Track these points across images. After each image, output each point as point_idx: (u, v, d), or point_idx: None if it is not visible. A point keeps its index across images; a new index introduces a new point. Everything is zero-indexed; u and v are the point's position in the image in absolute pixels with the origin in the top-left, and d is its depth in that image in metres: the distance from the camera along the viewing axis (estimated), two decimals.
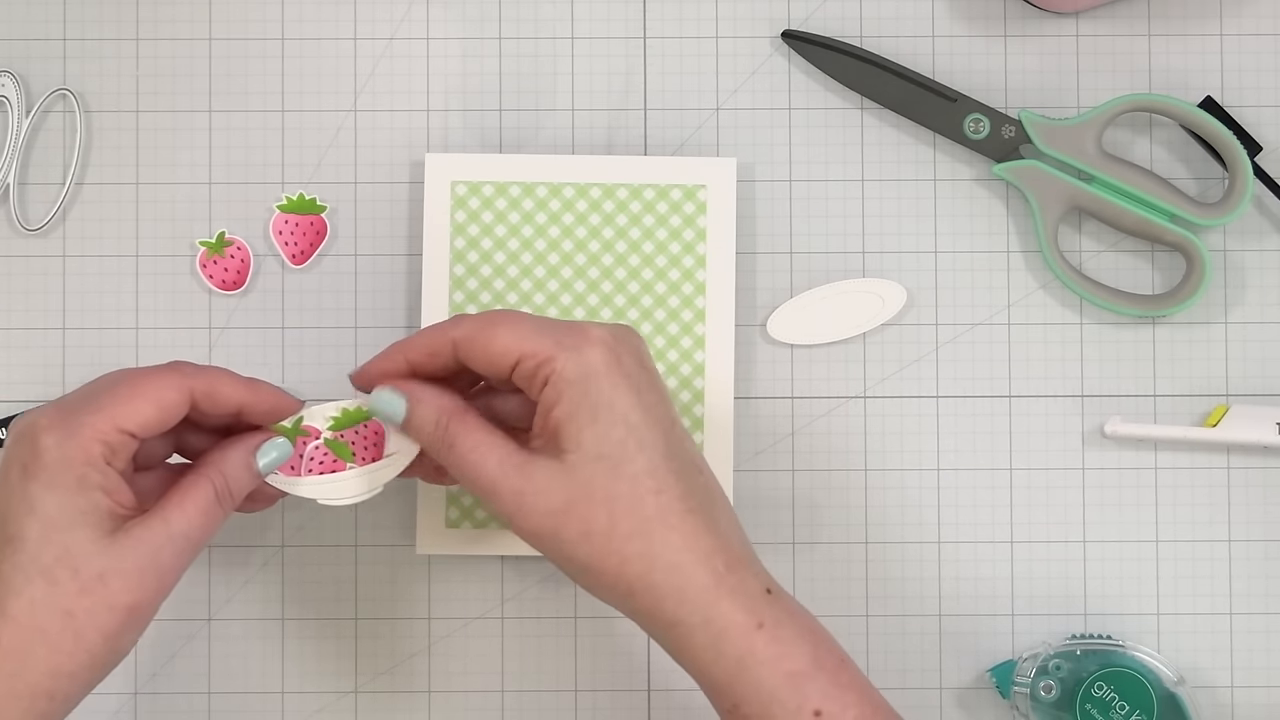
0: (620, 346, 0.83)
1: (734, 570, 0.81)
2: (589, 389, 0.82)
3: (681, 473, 0.82)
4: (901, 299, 0.97)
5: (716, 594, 0.81)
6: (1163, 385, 0.97)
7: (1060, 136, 0.96)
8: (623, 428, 0.81)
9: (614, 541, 0.81)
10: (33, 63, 0.98)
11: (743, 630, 0.81)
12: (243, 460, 0.85)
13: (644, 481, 0.81)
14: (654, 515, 0.81)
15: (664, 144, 0.98)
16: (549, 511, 0.82)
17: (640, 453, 0.81)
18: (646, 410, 0.82)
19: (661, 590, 0.81)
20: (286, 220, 0.97)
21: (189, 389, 0.84)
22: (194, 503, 0.83)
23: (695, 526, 0.81)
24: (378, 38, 0.98)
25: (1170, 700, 0.93)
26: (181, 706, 0.97)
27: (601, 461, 0.81)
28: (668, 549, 0.81)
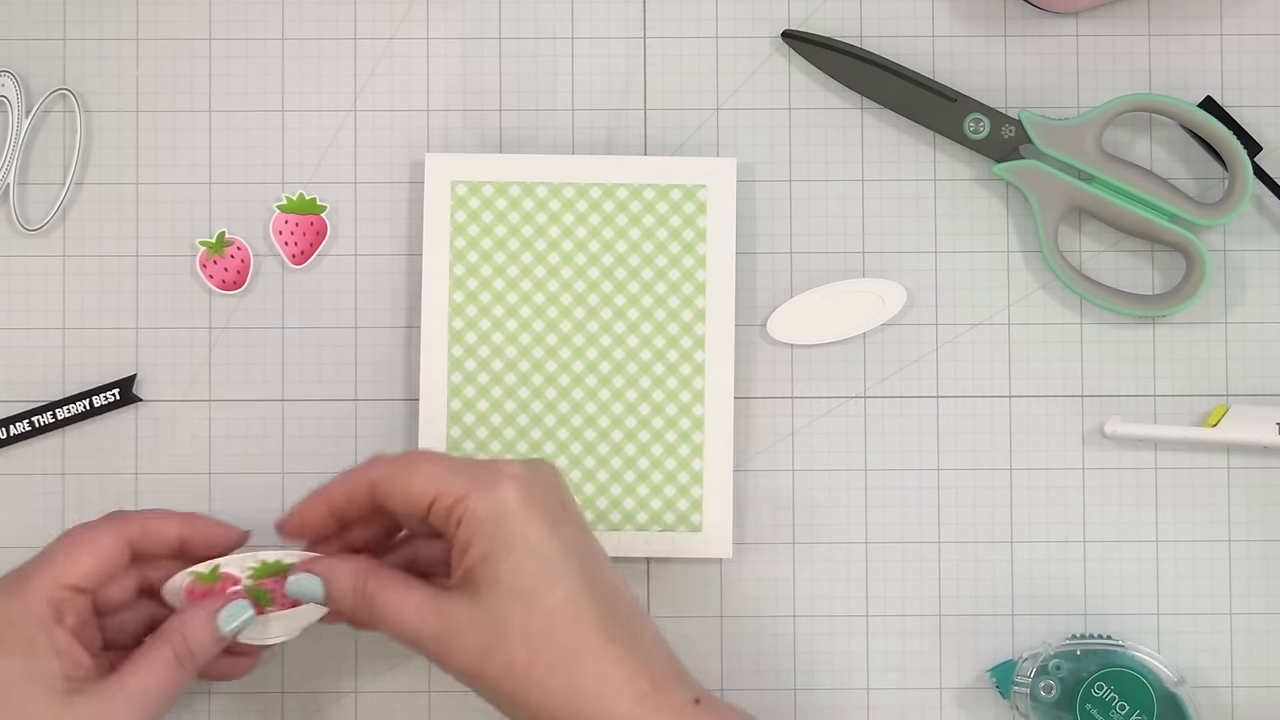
0: (534, 481, 0.84)
1: (659, 688, 0.82)
2: (502, 525, 0.83)
3: (600, 599, 0.83)
4: (901, 299, 0.97)
5: (641, 712, 0.82)
6: (1163, 385, 0.97)
7: (1060, 136, 0.96)
8: (536, 561, 0.82)
9: (535, 674, 0.82)
10: (33, 63, 0.98)
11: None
12: (206, 623, 0.86)
13: (561, 612, 0.82)
14: (574, 646, 0.82)
15: (664, 144, 0.98)
16: (470, 650, 0.83)
17: (556, 585, 0.82)
18: (561, 541, 0.83)
19: (588, 717, 0.82)
20: (286, 220, 0.97)
21: (123, 533, 0.86)
22: (151, 665, 0.84)
23: (617, 652, 0.82)
24: (378, 38, 0.98)
25: (1170, 700, 0.93)
26: (182, 706, 0.96)
27: (518, 597, 0.82)
28: (589, 677, 0.82)
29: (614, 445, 0.96)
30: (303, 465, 0.97)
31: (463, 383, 0.96)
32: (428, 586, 0.85)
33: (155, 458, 0.97)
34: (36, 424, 0.96)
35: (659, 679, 0.83)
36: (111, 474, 0.97)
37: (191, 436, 0.97)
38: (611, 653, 0.82)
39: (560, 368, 0.96)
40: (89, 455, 0.97)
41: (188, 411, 0.97)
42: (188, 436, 0.97)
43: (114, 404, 0.96)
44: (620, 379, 0.96)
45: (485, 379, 0.96)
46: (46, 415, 0.96)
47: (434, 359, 0.96)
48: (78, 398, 0.96)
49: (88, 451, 0.97)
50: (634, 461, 0.96)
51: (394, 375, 0.97)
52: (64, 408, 0.96)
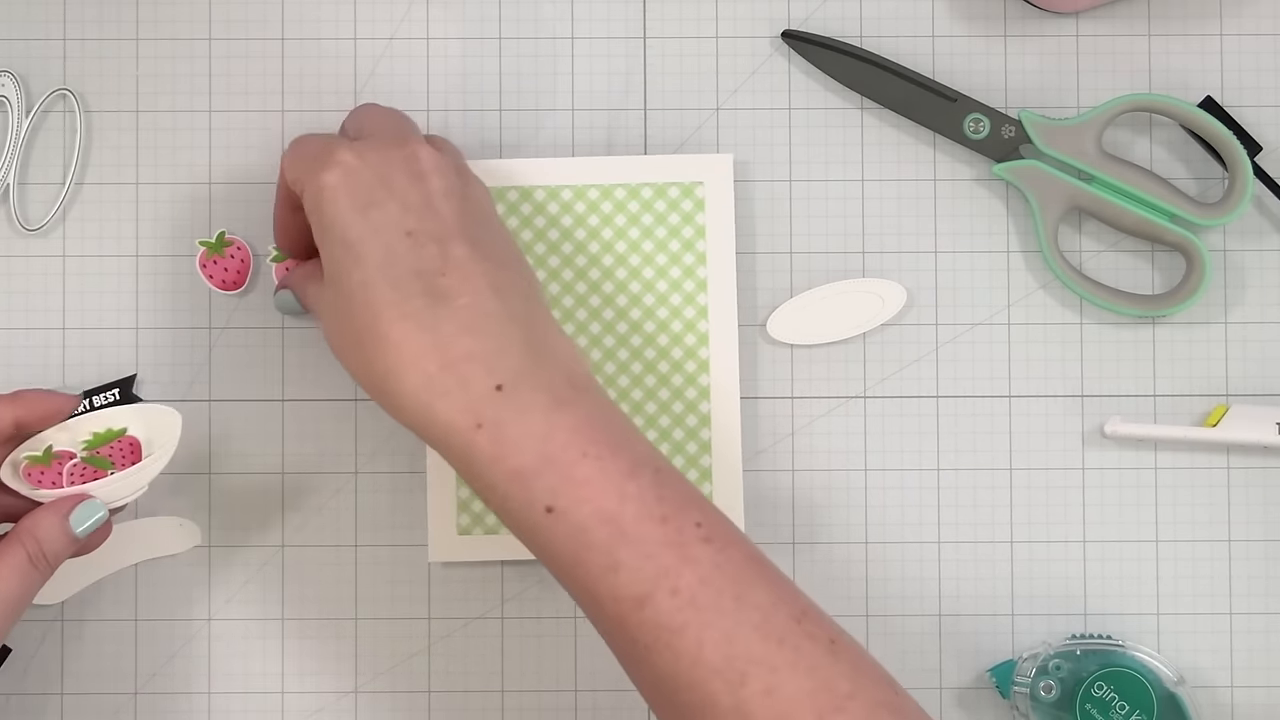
0: (360, 162, 0.85)
1: (452, 369, 0.81)
2: (321, 211, 0.84)
3: (398, 281, 0.82)
4: (901, 299, 0.97)
5: (428, 396, 0.81)
6: (1163, 385, 0.97)
7: (1060, 136, 0.96)
8: (340, 245, 0.83)
9: (345, 356, 0.84)
10: (33, 63, 0.98)
11: (460, 431, 0.80)
12: (56, 523, 0.85)
13: (357, 295, 0.82)
14: (365, 326, 0.82)
15: (664, 144, 0.98)
16: (329, 333, 0.85)
17: (356, 267, 0.83)
18: (368, 223, 0.83)
19: (385, 397, 0.82)
20: (287, 267, 0.96)
21: None
22: (8, 566, 0.84)
23: (405, 331, 0.81)
24: (378, 38, 0.98)
25: (1170, 700, 0.93)
26: (181, 706, 0.96)
27: (331, 283, 0.84)
28: (381, 355, 0.81)
29: None
30: (303, 465, 0.97)
31: None
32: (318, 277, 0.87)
33: None
34: None
35: (454, 361, 0.81)
36: None
37: (191, 436, 0.97)
38: (399, 333, 0.81)
39: None
40: None
41: (188, 411, 0.97)
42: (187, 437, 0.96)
43: (114, 404, 0.96)
44: (625, 379, 0.96)
45: None
46: None
47: None
48: None
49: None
50: None
51: None
52: None
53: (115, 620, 0.96)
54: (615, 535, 0.79)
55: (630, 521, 0.79)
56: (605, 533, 0.79)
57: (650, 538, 0.79)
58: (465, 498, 0.95)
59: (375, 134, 0.87)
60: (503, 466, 0.80)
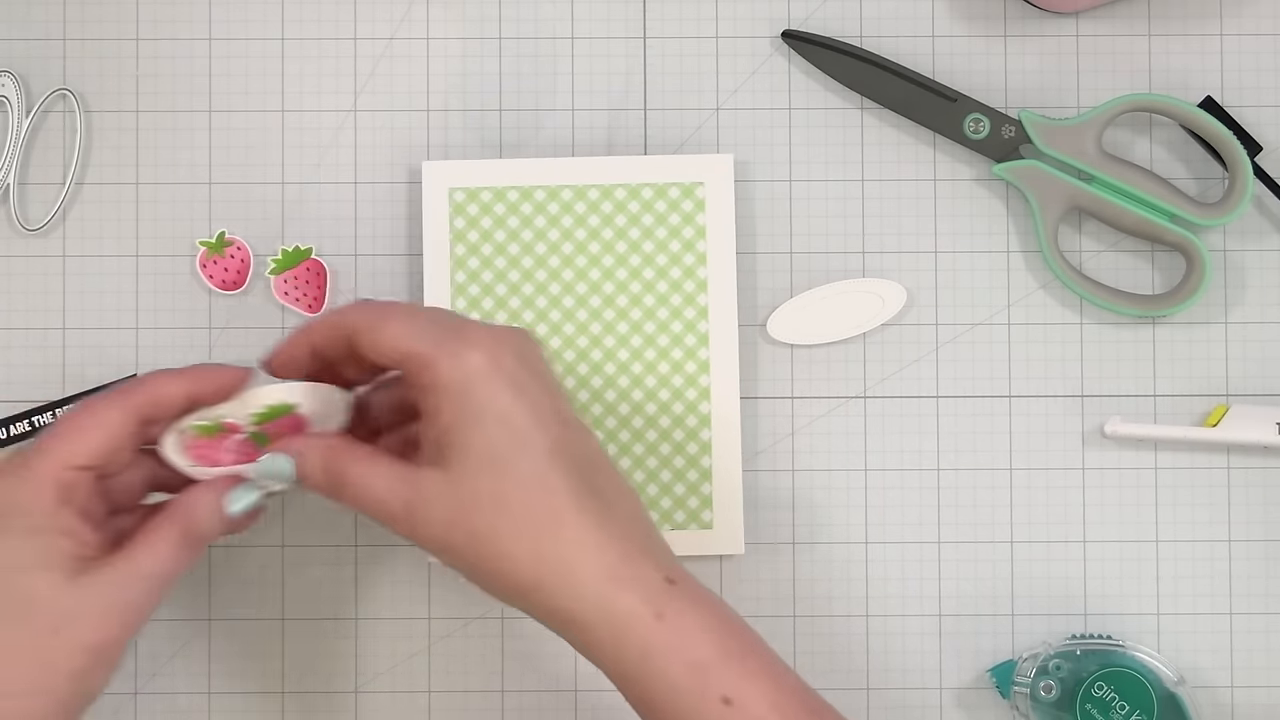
0: (501, 348, 0.82)
1: (630, 562, 0.81)
2: (469, 393, 0.81)
3: (570, 470, 0.81)
4: (901, 299, 0.97)
5: (612, 588, 0.80)
6: (1163, 385, 0.97)
7: (1060, 136, 0.96)
8: (504, 429, 0.81)
9: (502, 543, 0.80)
10: (33, 63, 0.98)
11: (641, 622, 0.80)
12: (212, 503, 0.84)
13: (529, 480, 0.81)
14: (540, 514, 0.80)
15: (664, 144, 0.98)
16: (440, 521, 0.81)
17: (524, 452, 0.81)
18: (530, 408, 0.81)
19: (553, 588, 0.80)
20: (285, 279, 0.96)
21: (131, 406, 0.84)
22: (158, 543, 0.83)
23: (585, 522, 0.80)
24: (378, 38, 0.98)
25: (1170, 700, 0.93)
26: (181, 706, 0.96)
27: (486, 466, 0.81)
28: (556, 547, 0.80)
29: (622, 446, 0.96)
30: None
31: None
32: (397, 460, 0.83)
33: None
34: (36, 424, 0.96)
35: (631, 554, 0.81)
36: None
37: None
38: (581, 523, 0.80)
39: (564, 371, 0.96)
40: None
41: None
42: None
43: None
44: (625, 379, 0.96)
45: None
46: (46, 415, 0.96)
47: None
48: (78, 398, 0.96)
49: None
50: (642, 461, 0.96)
51: None
52: (64, 408, 0.96)
53: None
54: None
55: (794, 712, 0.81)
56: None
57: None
58: None
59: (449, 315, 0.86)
60: (681, 658, 0.80)
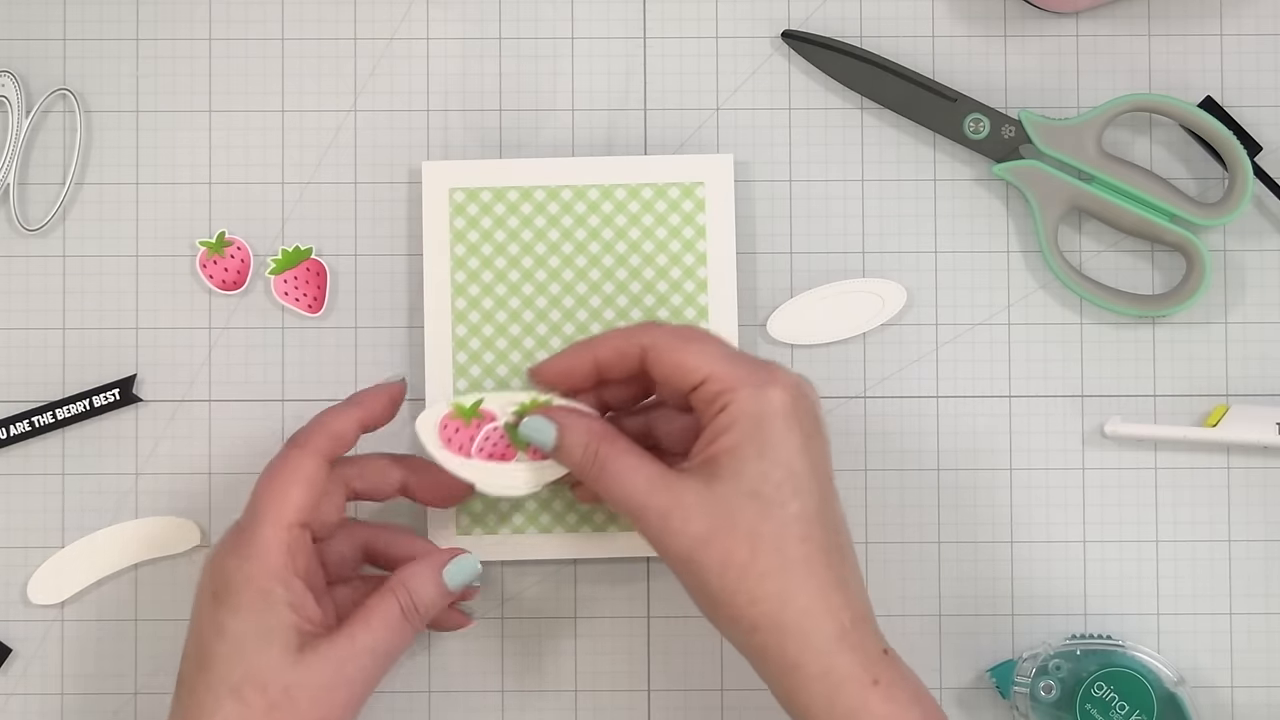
0: (799, 394, 0.85)
1: (858, 627, 0.83)
2: (763, 426, 0.83)
3: (827, 526, 0.84)
4: (901, 299, 0.97)
5: (840, 646, 0.82)
6: (1163, 385, 0.97)
7: (1060, 136, 0.96)
8: (784, 471, 0.83)
9: (750, 578, 0.82)
10: (33, 63, 0.98)
11: (859, 685, 0.82)
12: (430, 577, 0.87)
13: (793, 526, 0.83)
14: (796, 560, 0.82)
15: (664, 144, 0.98)
16: (692, 535, 0.83)
17: (795, 498, 0.83)
18: (810, 459, 0.84)
19: (788, 633, 0.82)
20: (285, 279, 0.96)
21: (317, 450, 0.86)
22: (380, 618, 0.85)
23: (831, 579, 0.83)
24: (378, 38, 0.98)
25: (1170, 700, 0.93)
26: None
27: (754, 498, 0.83)
28: (803, 594, 0.82)
29: None
30: None
31: (468, 389, 0.95)
32: (660, 463, 0.85)
33: (155, 458, 0.97)
34: (36, 424, 0.96)
35: (860, 619, 0.83)
36: (111, 474, 0.97)
37: (191, 436, 0.97)
38: (828, 579, 0.83)
39: None
40: (89, 455, 0.97)
41: (188, 411, 0.97)
42: (187, 436, 0.97)
43: (114, 404, 0.96)
44: None
45: (491, 385, 0.95)
46: (46, 415, 0.96)
47: (438, 366, 0.95)
48: (78, 398, 0.96)
49: (88, 451, 0.97)
50: None
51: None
52: (64, 408, 0.96)
53: (115, 620, 0.96)
54: None
55: None
56: None
57: None
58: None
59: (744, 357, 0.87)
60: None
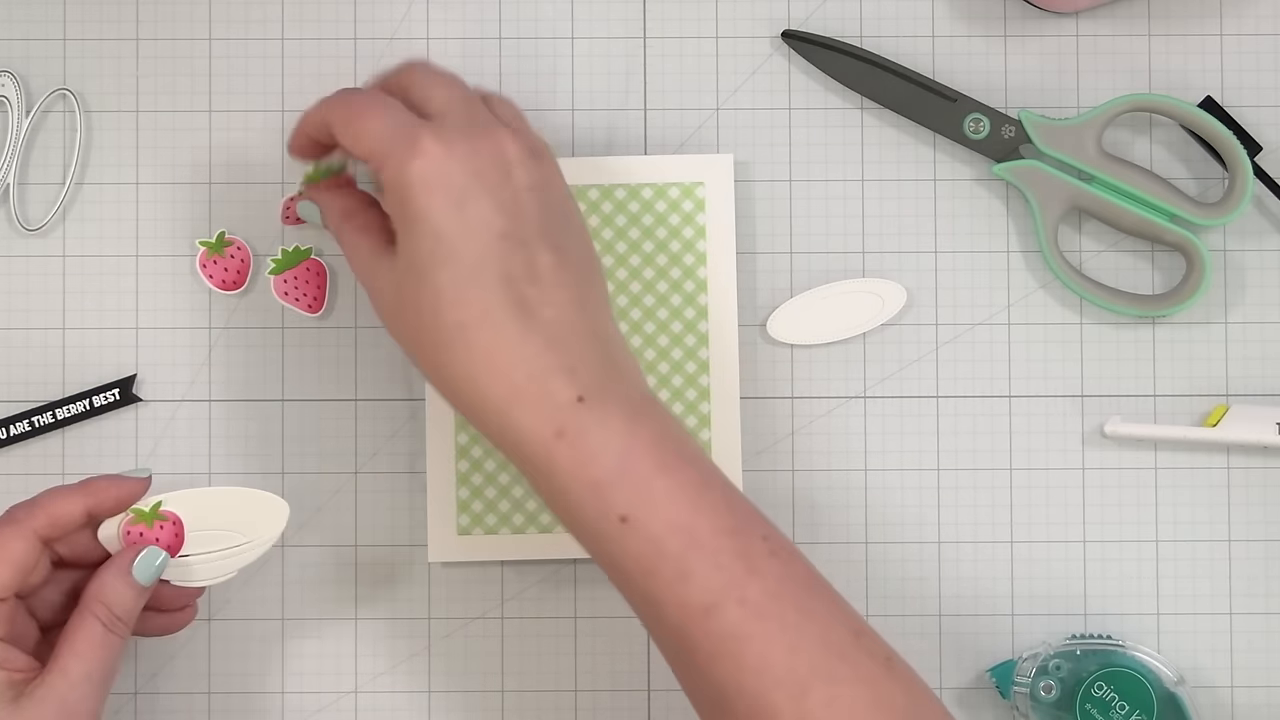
0: (450, 155, 0.82)
1: (535, 380, 0.81)
2: (406, 199, 0.82)
3: (491, 285, 0.81)
4: (901, 299, 0.97)
5: (509, 405, 0.80)
6: (1163, 385, 0.97)
7: (1060, 136, 0.96)
8: (431, 240, 0.82)
9: (423, 348, 0.82)
10: (33, 63, 0.98)
11: (540, 440, 0.80)
12: (120, 580, 0.85)
13: (445, 294, 0.81)
14: (451, 328, 0.81)
15: (664, 144, 0.98)
16: (385, 307, 0.84)
17: (445, 266, 0.81)
18: (463, 222, 0.82)
19: (461, 401, 0.82)
20: (285, 279, 0.96)
21: (31, 530, 0.84)
22: (86, 643, 0.83)
23: (492, 339, 0.81)
24: (378, 38, 0.98)
25: (1170, 700, 0.93)
26: (181, 706, 0.96)
27: (413, 270, 0.82)
28: (464, 361, 0.81)
29: None
30: (303, 465, 0.97)
31: None
32: (378, 239, 0.86)
33: (155, 458, 0.97)
34: (36, 424, 0.96)
35: (538, 372, 0.81)
36: None
37: (191, 436, 0.97)
38: (486, 340, 0.81)
39: None
40: (89, 455, 0.97)
41: (188, 411, 0.97)
42: (187, 436, 0.97)
43: (114, 404, 0.96)
44: None
45: None
46: (46, 415, 0.96)
47: None
48: (78, 398, 0.96)
49: (88, 451, 0.97)
50: None
51: (394, 375, 0.97)
52: (64, 408, 0.96)
53: None
54: (688, 545, 0.79)
55: (703, 533, 0.80)
56: (678, 543, 0.79)
57: (721, 549, 0.79)
58: (465, 498, 0.95)
59: (449, 114, 0.85)
60: (580, 476, 0.80)
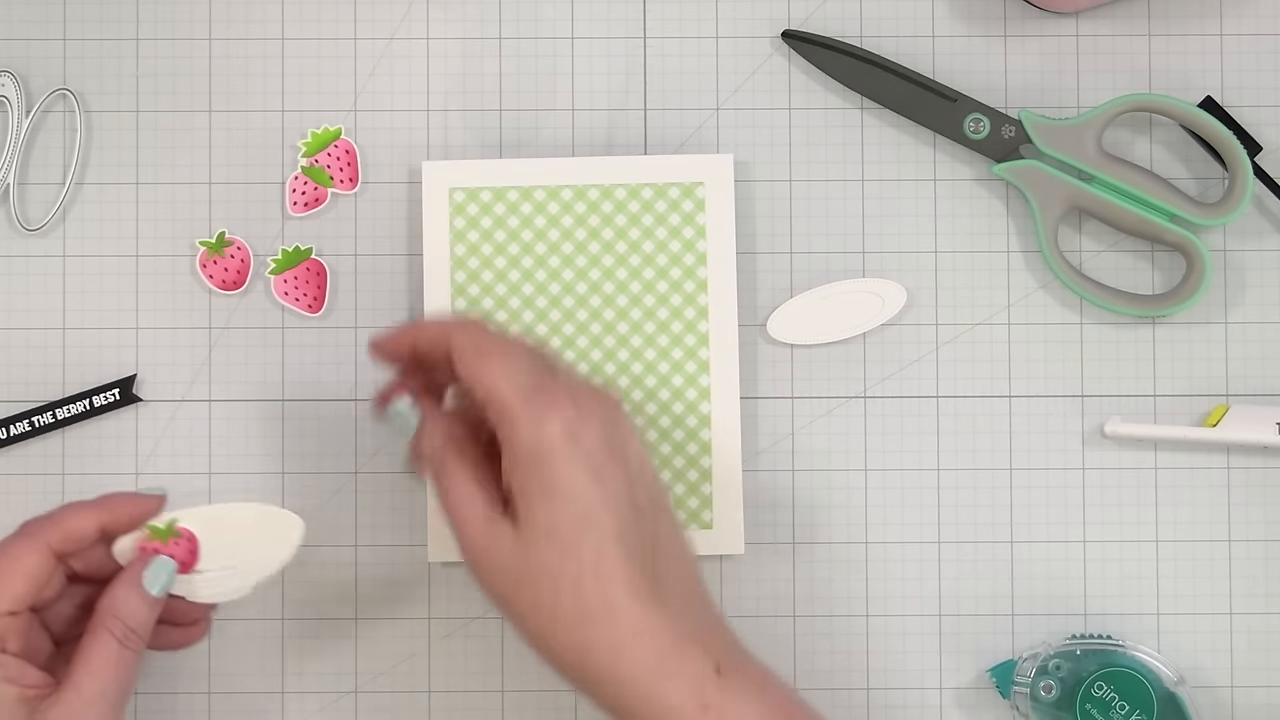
0: (584, 420, 0.81)
1: (679, 652, 0.80)
2: (543, 465, 0.80)
3: (632, 555, 0.81)
4: (901, 299, 0.97)
5: (656, 676, 0.80)
6: (1163, 385, 0.97)
7: (1060, 136, 0.96)
8: (571, 509, 0.80)
9: (558, 623, 0.80)
10: (33, 63, 0.98)
11: (686, 714, 0.80)
12: (133, 593, 0.85)
13: (589, 566, 0.80)
14: (596, 602, 0.80)
15: (664, 144, 0.98)
16: (505, 579, 0.81)
17: (588, 536, 0.80)
18: (601, 491, 0.80)
19: (600, 676, 0.80)
20: (285, 279, 0.96)
21: (44, 545, 0.84)
22: (100, 660, 0.83)
23: (640, 611, 0.80)
24: (378, 38, 0.98)
25: (1170, 700, 0.93)
26: (181, 706, 0.96)
27: (551, 541, 0.80)
28: (608, 636, 0.80)
29: None
30: (303, 465, 0.97)
31: None
32: (491, 494, 0.82)
33: (155, 458, 0.97)
34: (36, 424, 0.96)
35: (681, 642, 0.80)
36: (111, 474, 0.97)
37: (191, 436, 0.97)
38: (634, 612, 0.80)
39: None
40: (89, 455, 0.97)
41: (188, 411, 0.97)
42: (187, 436, 0.97)
43: (114, 404, 0.96)
44: (625, 379, 0.96)
45: None
46: (46, 415, 0.96)
47: None
48: (78, 398, 0.96)
49: (88, 451, 0.97)
50: None
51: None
52: (64, 408, 0.96)
53: None
54: None
55: None
56: None
57: None
58: None
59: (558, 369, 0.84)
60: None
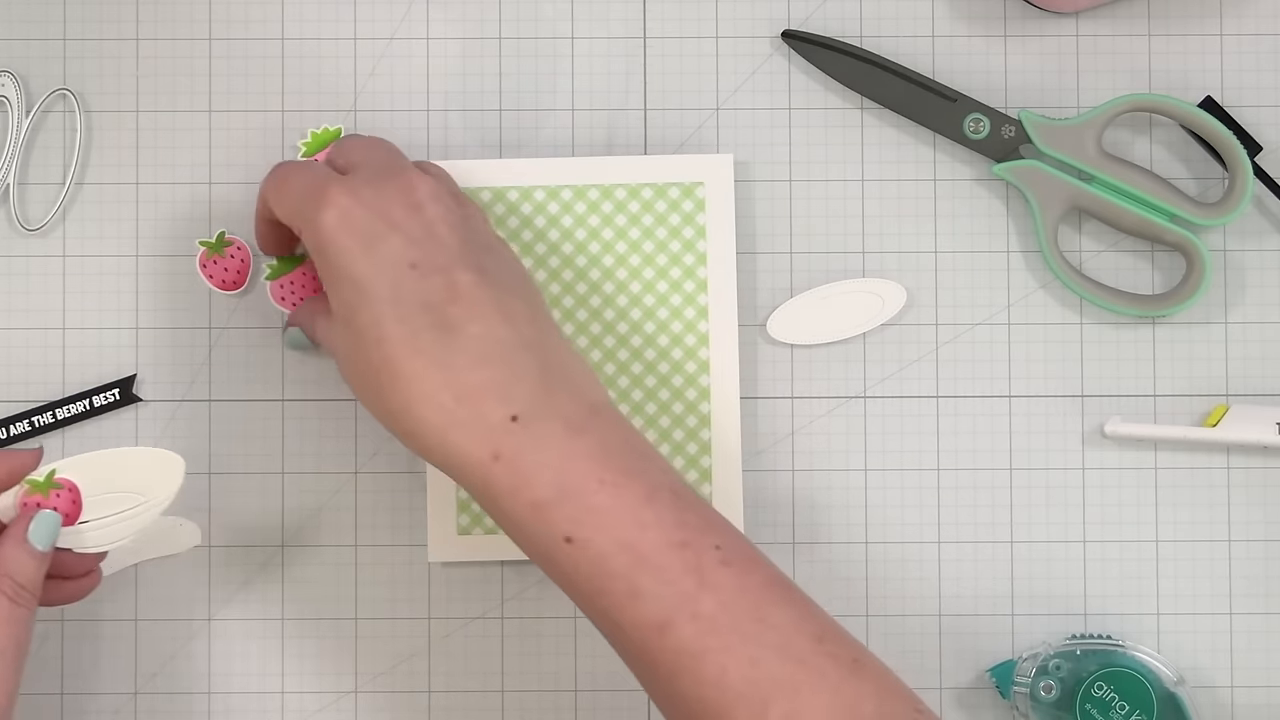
0: (356, 201, 0.84)
1: (466, 401, 0.80)
2: (325, 256, 0.84)
3: (407, 315, 0.82)
4: (901, 299, 0.97)
5: (445, 430, 0.80)
6: (1163, 385, 0.97)
7: (1060, 136, 0.96)
8: (350, 286, 0.83)
9: (371, 393, 0.83)
10: (33, 63, 0.98)
11: (478, 463, 0.80)
12: (20, 550, 0.83)
13: (368, 332, 0.82)
14: (379, 362, 0.82)
15: (664, 144, 0.98)
16: (343, 369, 0.85)
17: (364, 307, 0.82)
18: (372, 261, 0.83)
19: (402, 432, 0.82)
20: (282, 284, 0.96)
21: None
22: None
23: (418, 366, 0.81)
24: (378, 38, 0.98)
25: (1170, 700, 0.93)
26: (181, 706, 0.96)
27: (343, 323, 0.84)
28: (394, 393, 0.81)
29: None
30: (303, 465, 0.97)
31: None
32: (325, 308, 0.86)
33: None
34: (36, 424, 0.96)
35: (468, 393, 0.81)
36: None
37: (191, 436, 0.97)
38: (414, 368, 0.81)
39: None
40: None
41: (188, 411, 0.97)
42: (187, 436, 0.97)
43: (114, 404, 0.96)
44: (625, 379, 0.96)
45: None
46: (46, 415, 0.96)
47: None
48: (78, 398, 0.96)
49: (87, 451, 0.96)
50: None
51: None
52: (64, 408, 0.96)
53: (115, 620, 0.96)
54: (635, 563, 0.79)
55: (649, 548, 0.79)
56: (625, 561, 0.79)
57: (670, 564, 0.79)
58: (465, 498, 0.95)
59: (363, 166, 0.87)
60: (521, 498, 0.80)
